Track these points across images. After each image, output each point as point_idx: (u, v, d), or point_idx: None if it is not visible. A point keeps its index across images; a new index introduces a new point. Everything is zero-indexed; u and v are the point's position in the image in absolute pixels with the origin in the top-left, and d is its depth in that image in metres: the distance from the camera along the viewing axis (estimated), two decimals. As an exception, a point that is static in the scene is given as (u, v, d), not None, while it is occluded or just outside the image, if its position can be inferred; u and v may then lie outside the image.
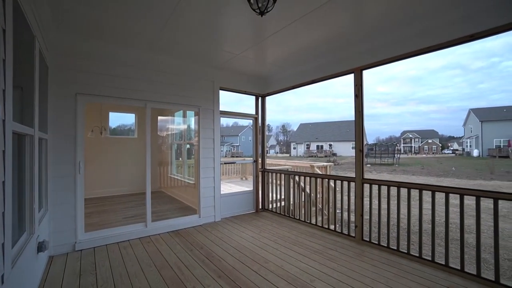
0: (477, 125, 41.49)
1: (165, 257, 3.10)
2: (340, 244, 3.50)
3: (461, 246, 2.70)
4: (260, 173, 5.43)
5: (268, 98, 5.42)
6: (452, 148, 65.74)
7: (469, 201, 2.79)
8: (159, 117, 7.80)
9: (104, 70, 3.53)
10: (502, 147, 37.24)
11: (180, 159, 7.24)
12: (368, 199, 3.45)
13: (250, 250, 3.31)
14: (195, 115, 4.67)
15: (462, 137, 56.16)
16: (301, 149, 53.88)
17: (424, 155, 48.48)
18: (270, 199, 5.28)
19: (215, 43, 3.51)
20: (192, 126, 6.53)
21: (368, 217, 3.46)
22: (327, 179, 4.14)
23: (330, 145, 49.16)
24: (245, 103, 5.47)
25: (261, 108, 5.42)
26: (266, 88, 5.30)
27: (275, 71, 4.83)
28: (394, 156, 28.73)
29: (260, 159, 5.46)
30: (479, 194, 2.56)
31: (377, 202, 3.42)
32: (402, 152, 51.07)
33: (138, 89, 3.83)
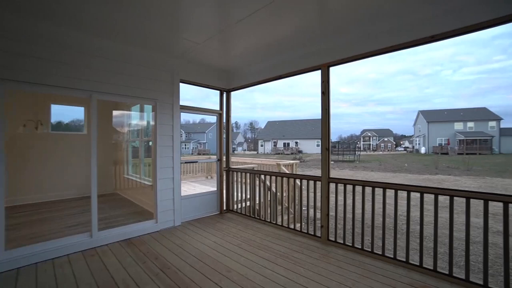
0: (424, 125, 46.01)
1: (111, 274, 2.67)
2: (306, 245, 3.39)
3: (420, 242, 2.75)
4: (224, 172, 5.15)
5: (236, 95, 5.15)
6: (404, 146, 72.17)
7: (427, 199, 2.85)
8: (114, 112, 7.05)
9: (38, 53, 2.93)
10: (443, 145, 41.77)
11: (138, 157, 6.61)
12: (334, 198, 3.39)
13: (212, 258, 3.03)
14: (152, 110, 4.21)
15: (412, 136, 61.97)
16: (268, 146, 54.52)
17: (381, 152, 52.39)
18: (235, 199, 5.03)
19: (175, 29, 3.13)
20: (152, 122, 5.98)
21: (334, 216, 3.40)
22: (293, 179, 4.01)
23: (296, 142, 50.50)
24: (214, 100, 5.15)
25: (226, 103, 5.13)
26: (231, 82, 5.02)
27: (240, 65, 4.57)
28: (355, 153, 30.45)
29: (224, 157, 5.17)
30: (437, 192, 2.61)
31: (342, 202, 3.37)
32: (362, 149, 54.59)
33: (82, 78, 3.28)
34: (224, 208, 5.11)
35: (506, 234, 2.32)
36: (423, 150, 44.72)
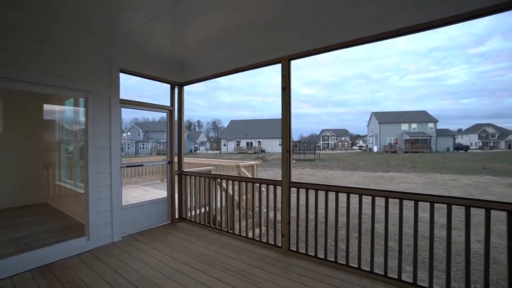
0: (376, 125, 49.95)
1: (7, 319, 1.99)
2: (266, 258, 3.05)
3: (385, 251, 2.59)
4: (176, 176, 4.58)
5: (199, 93, 4.78)
6: (359, 145, 77.69)
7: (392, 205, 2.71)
8: (45, 106, 5.93)
9: None
10: (392, 144, 45.79)
11: (74, 160, 5.63)
12: (296, 204, 3.11)
13: (154, 284, 2.51)
14: (84, 105, 3.45)
15: (366, 135, 66.96)
16: (231, 145, 53.94)
17: (338, 151, 55.48)
18: (189, 206, 4.50)
19: (112, 5, 2.52)
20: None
21: (295, 224, 3.12)
22: (251, 183, 3.64)
23: (259, 142, 50.81)
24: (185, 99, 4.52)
25: (178, 99, 4.56)
26: (184, 76, 4.47)
27: (195, 56, 4.06)
28: (315, 153, 31.58)
29: (176, 159, 4.60)
30: (402, 197, 2.47)
31: (304, 208, 3.10)
32: (321, 148, 57.14)
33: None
34: (177, 216, 4.54)
35: (449, 233, 2.29)
36: (375, 149, 48.52)
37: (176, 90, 4.53)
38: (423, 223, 2.70)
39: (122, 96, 3.71)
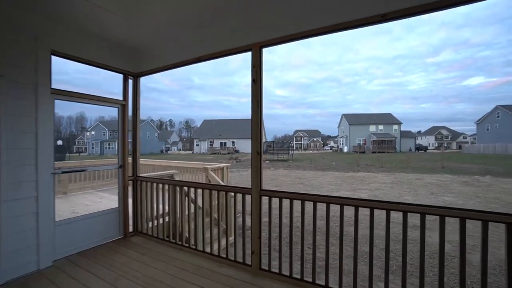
0: (346, 127, 51.93)
1: None
2: (233, 281, 2.56)
3: (369, 275, 2.23)
4: (131, 183, 3.91)
5: (171, 92, 4.11)
6: (330, 145, 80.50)
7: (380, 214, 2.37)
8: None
9: None
10: (361, 145, 47.86)
11: None
12: (268, 214, 2.66)
13: (80, 330, 1.89)
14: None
15: (336, 136, 69.48)
16: (204, 146, 52.60)
17: (311, 151, 56.74)
18: (146, 216, 3.85)
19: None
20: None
21: (268, 238, 2.67)
22: (216, 190, 3.12)
23: (233, 142, 50.14)
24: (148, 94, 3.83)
25: (133, 92, 3.89)
26: (140, 65, 3.82)
27: (152, 42, 3.45)
28: (289, 153, 31.75)
29: (131, 162, 3.93)
30: (389, 208, 2.13)
31: (278, 219, 2.67)
32: (294, 148, 58.03)
33: None
34: (131, 229, 3.87)
35: (404, 239, 2.01)
36: (345, 149, 50.39)
37: (130, 81, 3.85)
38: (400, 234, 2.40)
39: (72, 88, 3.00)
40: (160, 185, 3.66)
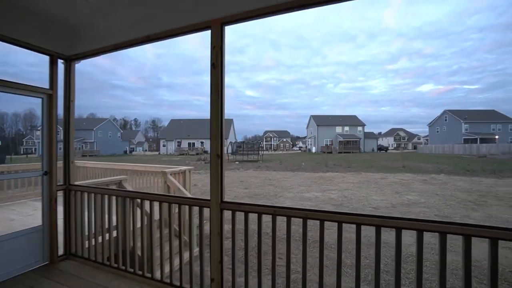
0: (315, 128, 53.45)
1: None
2: (184, 320, 1.99)
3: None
4: (63, 193, 3.12)
5: (135, 89, 3.36)
6: (299, 146, 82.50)
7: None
8: None
9: None
10: (328, 145, 49.55)
11: None
12: (231, 234, 2.13)
13: None
14: None
15: (305, 137, 71.37)
16: (171, 146, 50.34)
17: (280, 152, 57.39)
18: (83, 235, 3.08)
19: None
20: None
21: (231, 263, 2.14)
22: (167, 203, 2.52)
23: (202, 142, 48.70)
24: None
25: (66, 80, 3.11)
26: (75, 46, 3.04)
27: (89, 18, 2.71)
28: (259, 153, 31.53)
29: (63, 167, 3.14)
30: (379, 224, 1.74)
31: (243, 236, 2.16)
32: (264, 149, 58.26)
33: None
34: (61, 252, 3.08)
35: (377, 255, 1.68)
36: (314, 149, 51.79)
37: (57, 65, 3.06)
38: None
39: None
40: (99, 196, 2.93)
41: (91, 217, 3.02)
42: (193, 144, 48.85)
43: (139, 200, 2.79)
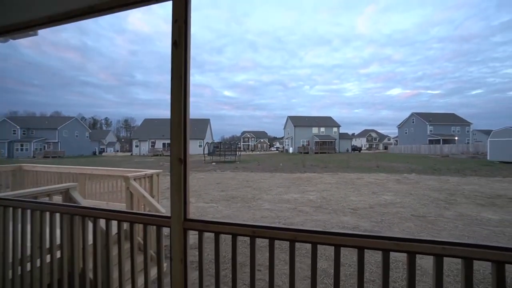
0: (292, 128, 54.02)
1: None
2: None
3: None
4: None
5: (107, 87, 2.71)
6: (276, 146, 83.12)
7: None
8: None
9: None
10: (305, 146, 50.29)
11: None
12: (198, 262, 1.66)
13: None
14: None
15: (282, 137, 72.02)
16: (145, 147, 48.07)
17: (258, 152, 57.26)
18: (6, 261, 2.42)
19: None
20: None
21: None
22: (116, 220, 1.98)
23: (178, 143, 47.01)
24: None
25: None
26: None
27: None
28: (236, 154, 31.00)
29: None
30: (388, 248, 1.37)
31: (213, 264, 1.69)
32: (242, 149, 57.81)
33: None
34: (-20, 283, 2.39)
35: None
36: (291, 150, 52.31)
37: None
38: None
39: None
40: (28, 211, 2.30)
41: (25, 237, 2.37)
42: (168, 144, 47.04)
43: (79, 217, 2.21)
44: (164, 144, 47.26)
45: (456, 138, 49.57)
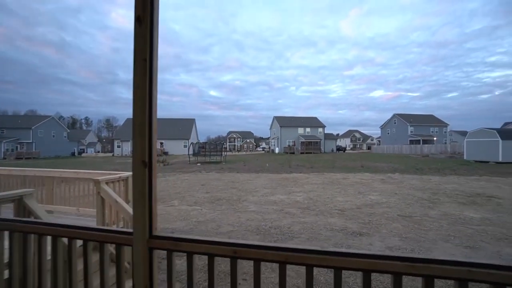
0: (278, 129, 54.11)
1: None
2: None
3: None
4: None
5: (88, 85, 2.35)
6: (262, 146, 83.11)
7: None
8: None
9: None
10: (291, 146, 50.51)
11: None
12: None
13: None
14: None
15: (268, 137, 72.10)
16: (127, 147, 46.44)
17: (244, 152, 56.92)
18: None
19: None
20: None
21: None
22: (66, 238, 1.63)
23: (162, 143, 45.83)
24: None
25: None
26: None
27: None
28: (222, 154, 30.52)
29: None
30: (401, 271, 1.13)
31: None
32: (228, 150, 57.28)
33: None
34: None
35: None
36: (277, 150, 52.40)
37: None
38: None
39: None
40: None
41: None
42: (151, 144, 45.83)
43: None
44: (147, 144, 45.90)
45: (435, 138, 51.61)
